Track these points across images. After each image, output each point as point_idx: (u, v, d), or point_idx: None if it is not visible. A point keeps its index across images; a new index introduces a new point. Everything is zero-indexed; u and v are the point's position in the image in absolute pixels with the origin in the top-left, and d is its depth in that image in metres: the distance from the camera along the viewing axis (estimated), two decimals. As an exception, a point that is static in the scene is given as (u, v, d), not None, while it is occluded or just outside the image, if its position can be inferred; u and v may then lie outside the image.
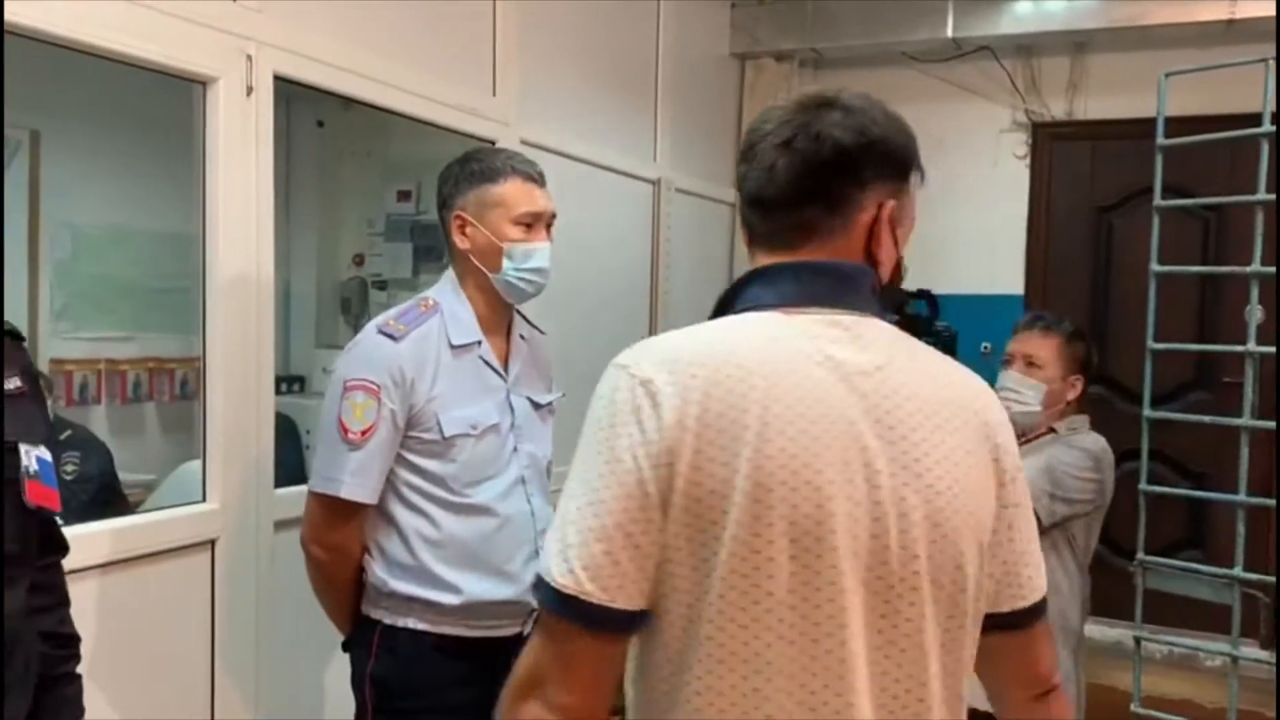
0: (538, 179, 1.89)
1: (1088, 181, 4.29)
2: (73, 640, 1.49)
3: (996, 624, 1.09)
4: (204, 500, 2.12)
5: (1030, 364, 2.35)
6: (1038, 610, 1.13)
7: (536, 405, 1.96)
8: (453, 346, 1.83)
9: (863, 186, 1.07)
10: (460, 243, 1.85)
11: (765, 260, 1.09)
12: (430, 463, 1.80)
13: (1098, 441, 2.33)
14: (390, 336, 1.78)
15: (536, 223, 1.87)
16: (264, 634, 2.22)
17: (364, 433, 1.73)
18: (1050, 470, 2.23)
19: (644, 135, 3.86)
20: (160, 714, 2.03)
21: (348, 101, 2.71)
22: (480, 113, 2.82)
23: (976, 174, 4.39)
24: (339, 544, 1.81)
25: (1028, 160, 4.35)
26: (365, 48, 2.46)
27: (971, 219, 4.41)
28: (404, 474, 1.81)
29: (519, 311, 2.00)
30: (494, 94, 2.93)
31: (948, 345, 2.50)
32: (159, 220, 4.06)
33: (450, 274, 1.91)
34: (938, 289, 4.45)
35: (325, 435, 1.78)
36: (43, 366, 3.78)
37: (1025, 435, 2.34)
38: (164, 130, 2.74)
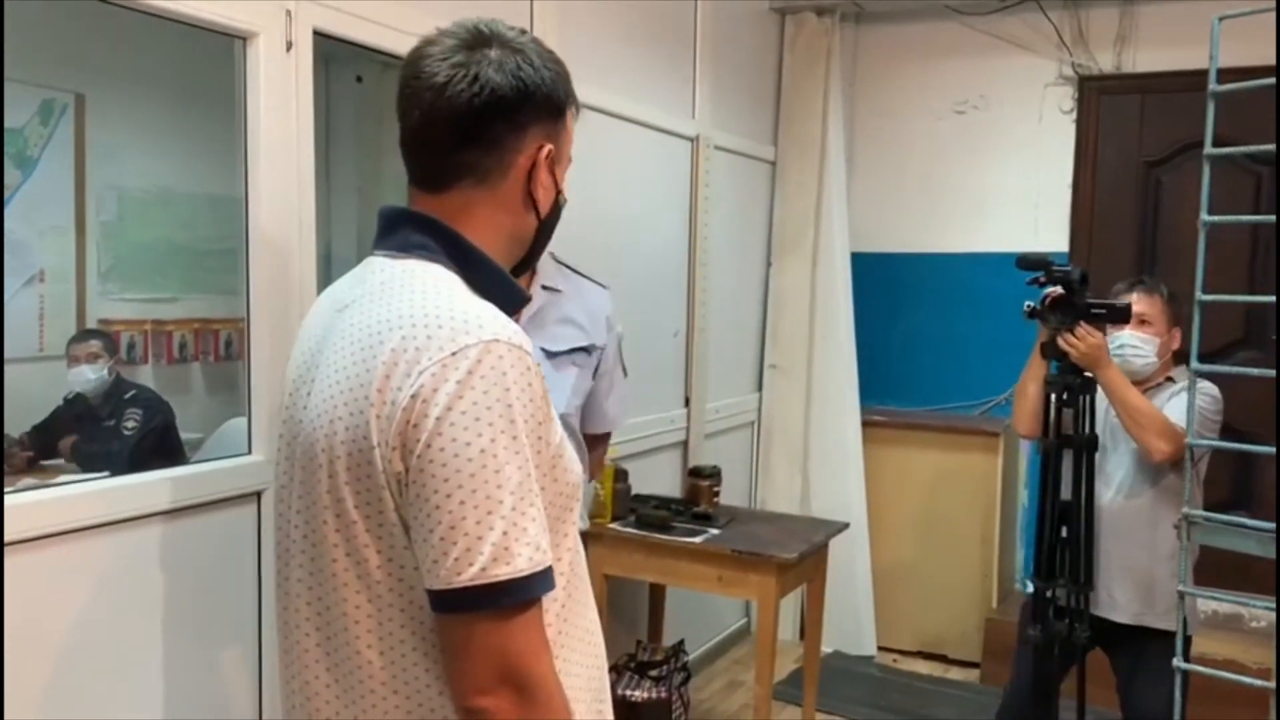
0: None
1: (1135, 136, 4.20)
2: None
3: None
4: (249, 453, 2.16)
5: (1142, 322, 2.64)
6: (438, 601, 0.99)
7: (550, 354, 1.97)
8: None
9: (521, 130, 1.12)
10: None
11: (414, 198, 1.16)
12: None
13: (1215, 388, 2.59)
14: None
15: None
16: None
17: None
18: (1197, 413, 2.45)
19: (682, 91, 3.83)
20: (210, 654, 2.09)
21: (387, 61, 2.72)
22: (518, 69, 2.81)
23: (1022, 129, 4.31)
24: None
25: (1074, 114, 4.26)
26: (403, 2, 2.45)
27: (1016, 174, 4.34)
28: None
29: (567, 265, 2.02)
30: (531, 50, 2.91)
31: (1120, 318, 2.55)
32: (204, 182, 4.10)
33: None
34: (981, 246, 4.41)
35: None
36: (91, 327, 3.86)
37: (1144, 384, 2.65)
38: (207, 92, 2.76)
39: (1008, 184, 4.37)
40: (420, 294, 1.06)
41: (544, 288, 1.99)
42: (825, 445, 4.35)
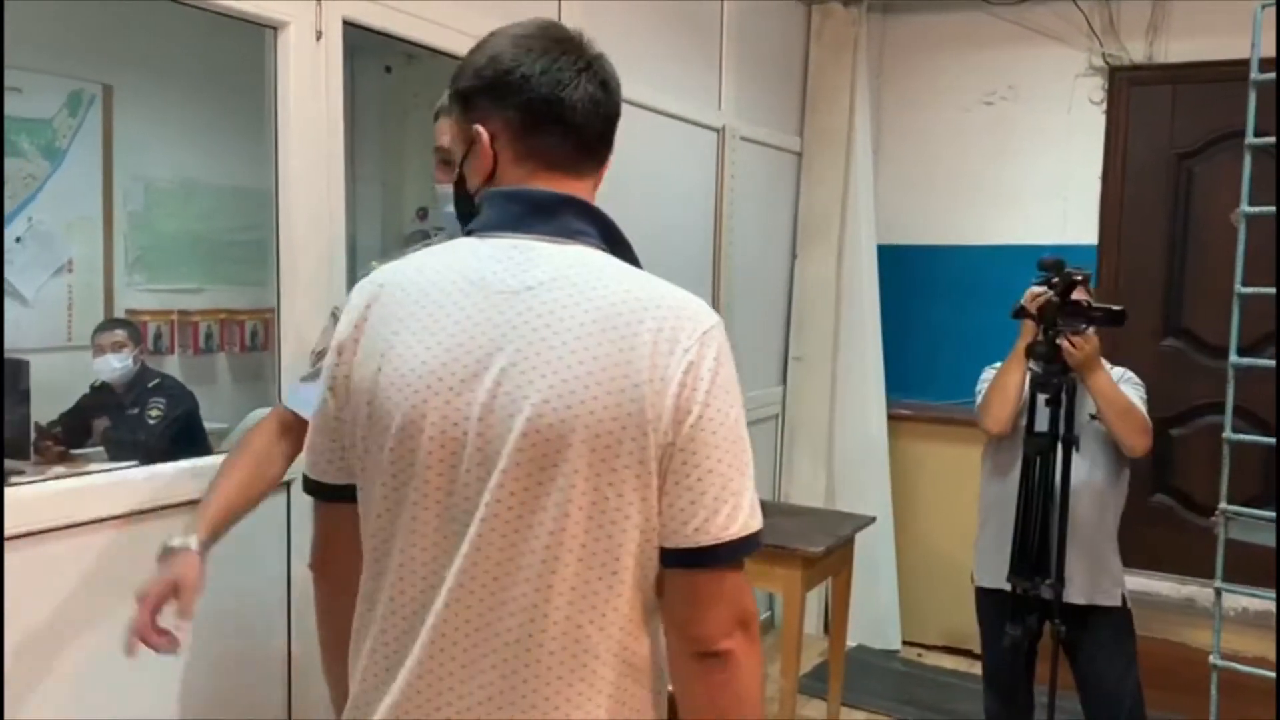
0: (440, 111, 1.73)
1: (1167, 127, 4.14)
2: None
3: (664, 558, 1.10)
4: (279, 443, 2.15)
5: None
6: (700, 557, 1.08)
7: None
8: None
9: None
10: None
11: (551, 181, 1.16)
12: None
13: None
14: None
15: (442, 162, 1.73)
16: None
17: None
18: (1140, 401, 2.62)
19: (708, 82, 3.81)
20: (239, 646, 2.10)
21: (412, 51, 2.72)
22: (545, 59, 2.80)
23: (1051, 120, 4.26)
24: None
25: (1104, 105, 4.21)
26: (431, -7, 2.44)
27: (1045, 166, 4.30)
28: None
29: None
30: (558, 40, 2.90)
31: (1116, 321, 2.51)
32: (229, 175, 4.12)
33: None
34: (1009, 239, 4.37)
35: None
36: (118, 316, 3.88)
37: None
38: (234, 85, 2.78)
39: (1036, 176, 4.32)
40: (633, 278, 1.12)
41: None
42: (850, 438, 4.33)
